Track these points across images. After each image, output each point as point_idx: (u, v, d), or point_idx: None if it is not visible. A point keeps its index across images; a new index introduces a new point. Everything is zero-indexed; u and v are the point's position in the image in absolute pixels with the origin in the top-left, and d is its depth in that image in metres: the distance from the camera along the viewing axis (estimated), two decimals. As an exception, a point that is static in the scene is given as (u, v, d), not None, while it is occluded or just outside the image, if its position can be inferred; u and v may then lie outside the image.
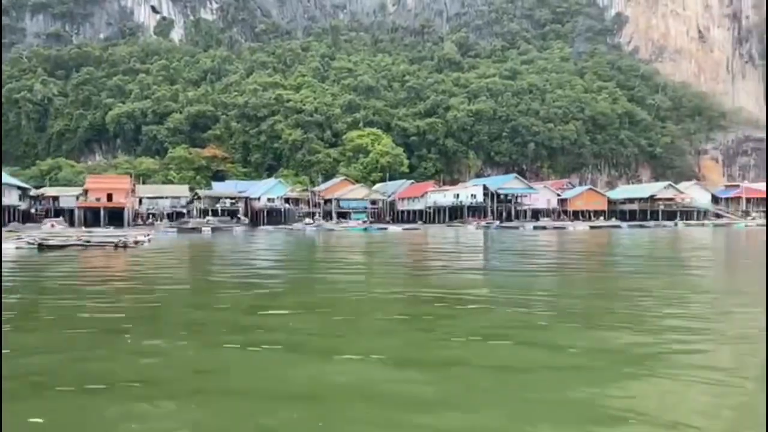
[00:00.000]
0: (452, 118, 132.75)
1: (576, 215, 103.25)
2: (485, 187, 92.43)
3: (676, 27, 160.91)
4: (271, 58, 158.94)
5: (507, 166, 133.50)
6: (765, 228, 78.63)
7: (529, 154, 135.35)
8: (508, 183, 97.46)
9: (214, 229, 67.51)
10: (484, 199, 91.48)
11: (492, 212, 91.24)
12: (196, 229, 66.81)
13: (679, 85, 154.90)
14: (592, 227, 75.73)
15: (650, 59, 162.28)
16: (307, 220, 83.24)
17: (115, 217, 75.28)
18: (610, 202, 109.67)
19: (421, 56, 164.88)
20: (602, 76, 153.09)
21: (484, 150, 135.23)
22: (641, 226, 79.24)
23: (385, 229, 70.80)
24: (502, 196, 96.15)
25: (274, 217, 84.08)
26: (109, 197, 78.94)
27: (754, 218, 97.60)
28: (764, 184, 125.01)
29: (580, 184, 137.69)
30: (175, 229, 65.98)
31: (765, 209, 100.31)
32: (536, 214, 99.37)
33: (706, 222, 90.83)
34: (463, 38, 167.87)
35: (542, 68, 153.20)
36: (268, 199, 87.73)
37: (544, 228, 72.00)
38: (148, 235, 43.57)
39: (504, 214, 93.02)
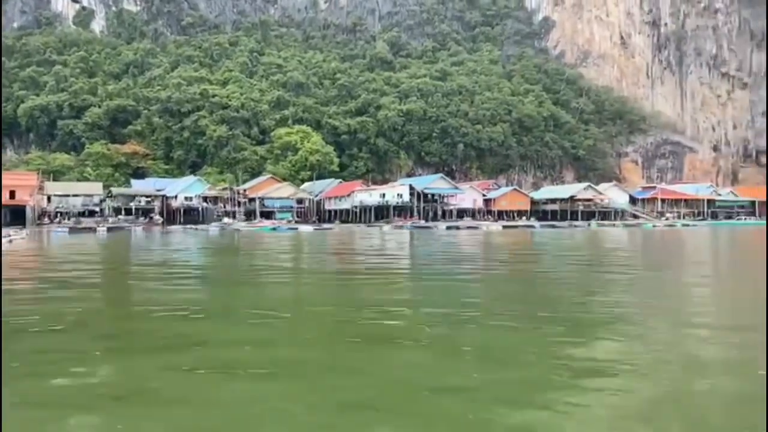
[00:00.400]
0: (383, 117, 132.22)
1: (500, 215, 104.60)
2: (411, 187, 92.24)
3: (600, 32, 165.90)
4: (197, 52, 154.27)
5: (437, 167, 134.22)
6: (696, 228, 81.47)
7: (459, 155, 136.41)
8: (434, 183, 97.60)
9: (110, 229, 63.65)
10: (411, 199, 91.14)
11: (418, 212, 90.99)
12: (90, 229, 62.70)
13: (602, 89, 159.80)
14: (505, 227, 76.07)
15: (576, 63, 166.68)
16: (226, 219, 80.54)
17: (17, 216, 70.57)
18: (533, 202, 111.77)
19: (352, 54, 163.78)
20: (529, 80, 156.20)
21: (414, 150, 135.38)
22: (552, 226, 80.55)
23: (296, 229, 68.81)
24: (429, 196, 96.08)
25: (191, 216, 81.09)
26: (12, 194, 73.96)
27: (668, 218, 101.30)
28: (679, 186, 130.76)
29: (508, 184, 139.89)
30: (66, 229, 61.89)
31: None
32: (462, 213, 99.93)
33: (617, 222, 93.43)
34: (395, 38, 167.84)
35: (472, 70, 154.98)
36: (186, 198, 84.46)
37: (457, 228, 71.59)
38: (10, 235, 40.04)
39: (430, 213, 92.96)
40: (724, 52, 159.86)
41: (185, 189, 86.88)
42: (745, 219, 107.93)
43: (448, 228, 70.58)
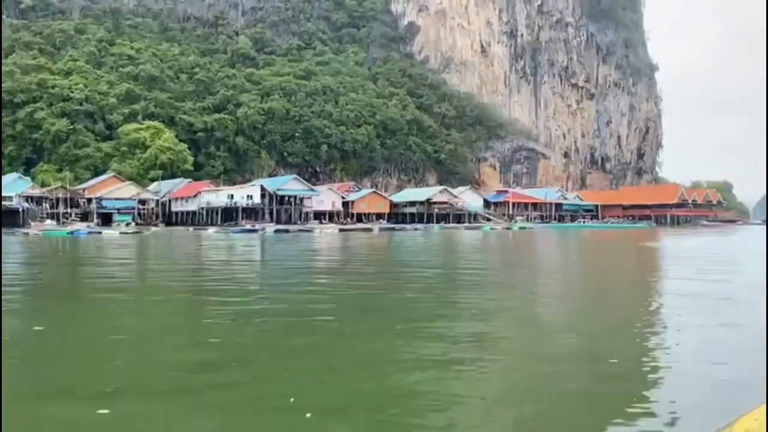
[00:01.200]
0: (243, 115, 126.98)
1: (360, 218, 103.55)
2: (263, 188, 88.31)
3: (462, 40, 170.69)
4: (37, 38, 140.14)
5: (300, 168, 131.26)
6: (530, 230, 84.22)
7: (323, 156, 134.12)
8: (287, 184, 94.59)
9: None
10: (262, 201, 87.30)
11: (270, 214, 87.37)
12: None
13: (464, 95, 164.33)
14: (342, 230, 74.26)
15: (439, 69, 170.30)
16: (48, 221, 72.53)
17: None
18: (394, 205, 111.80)
19: (213, 49, 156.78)
20: (394, 83, 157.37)
21: (277, 150, 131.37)
22: (392, 229, 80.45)
23: (99, 233, 62.43)
24: (285, 198, 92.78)
25: (9, 217, 72.03)
26: None
27: (516, 221, 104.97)
28: (530, 190, 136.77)
29: (372, 187, 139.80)
30: None
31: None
32: (320, 216, 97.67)
33: (460, 225, 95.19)
34: (259, 34, 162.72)
35: (337, 71, 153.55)
36: (4, 198, 75.11)
37: (287, 231, 68.25)
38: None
39: (284, 216, 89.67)
40: (574, 64, 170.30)
41: (5, 187, 77.30)
42: (584, 222, 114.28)
43: (277, 232, 66.89)
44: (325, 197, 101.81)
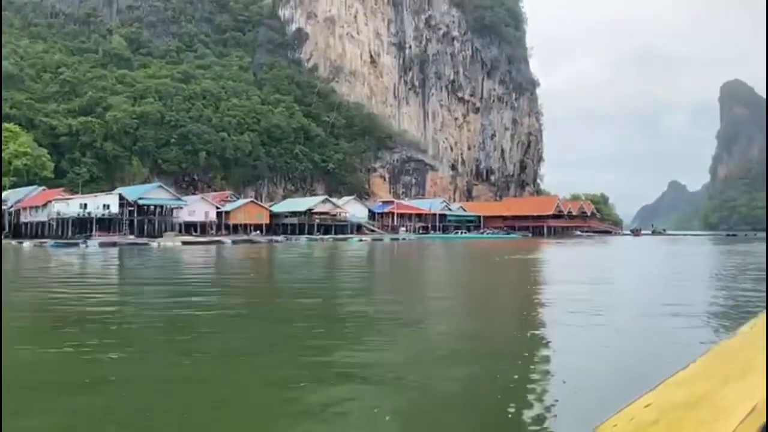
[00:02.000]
0: (112, 118, 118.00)
1: (236, 229, 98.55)
2: (121, 197, 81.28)
3: (351, 50, 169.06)
4: None
5: (177, 176, 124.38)
6: (403, 241, 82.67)
7: (201, 164, 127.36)
8: (150, 193, 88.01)
9: None
10: (121, 210, 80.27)
11: (131, 225, 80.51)
12: None
13: (353, 105, 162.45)
14: (185, 242, 68.17)
15: (329, 78, 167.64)
16: None
17: None
18: (274, 215, 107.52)
19: (84, 48, 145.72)
20: (281, 90, 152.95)
21: (150, 157, 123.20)
22: (250, 242, 76.66)
23: None
24: (149, 208, 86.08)
25: None
26: None
27: (398, 233, 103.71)
28: (416, 201, 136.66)
29: (256, 197, 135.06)
30: None
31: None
32: (190, 227, 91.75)
33: (326, 237, 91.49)
34: (135, 34, 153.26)
35: (219, 75, 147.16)
36: None
37: (113, 245, 61.43)
38: None
39: (148, 227, 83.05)
40: (460, 78, 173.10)
41: None
42: (462, 233, 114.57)
43: (102, 245, 59.86)
44: (197, 207, 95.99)
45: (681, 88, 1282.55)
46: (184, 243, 67.19)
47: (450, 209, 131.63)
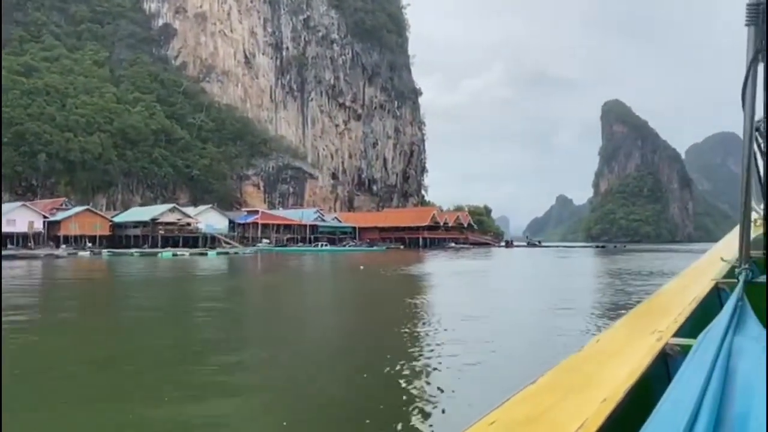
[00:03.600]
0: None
1: (67, 241, 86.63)
2: None
3: (224, 48, 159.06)
4: None
5: (12, 180, 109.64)
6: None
7: (41, 167, 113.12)
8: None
9: None
10: None
11: None
12: None
13: (225, 107, 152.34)
14: None
15: (199, 77, 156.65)
16: None
17: None
18: (117, 226, 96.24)
19: None
20: (141, 88, 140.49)
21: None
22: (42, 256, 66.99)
23: None
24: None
25: None
26: None
27: (257, 245, 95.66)
28: (288, 212, 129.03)
29: (108, 205, 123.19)
30: None
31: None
32: (7, 239, 78.94)
33: (134, 251, 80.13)
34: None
35: (68, 69, 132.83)
36: None
37: None
38: None
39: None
40: (341, 83, 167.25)
41: None
42: (323, 245, 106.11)
43: None
44: (17, 216, 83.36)
45: (571, 107, 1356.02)
46: None
47: (324, 220, 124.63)
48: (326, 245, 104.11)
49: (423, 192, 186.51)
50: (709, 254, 3.72)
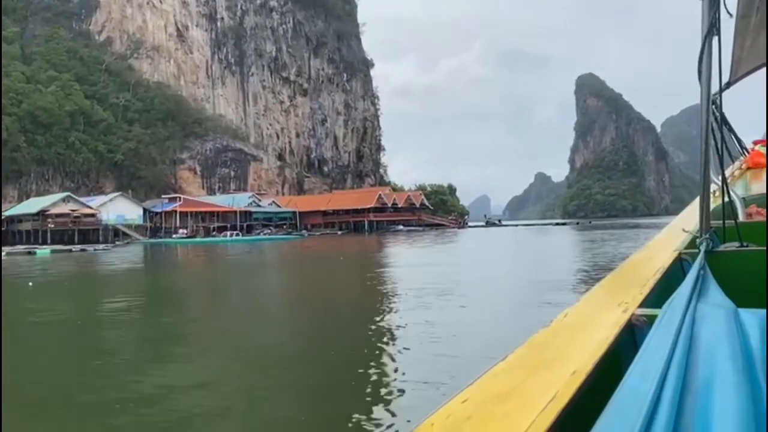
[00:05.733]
0: None
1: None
2: None
3: (153, 21, 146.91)
4: None
5: None
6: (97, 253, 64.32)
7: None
8: None
9: None
10: None
11: None
12: None
13: (154, 84, 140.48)
14: None
15: (126, 54, 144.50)
16: None
17: None
18: (9, 220, 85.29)
19: None
20: (57, 66, 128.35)
21: None
22: None
23: None
24: None
25: None
26: None
27: (182, 235, 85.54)
28: (217, 197, 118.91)
29: (20, 196, 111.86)
30: None
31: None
32: None
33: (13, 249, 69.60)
34: None
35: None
36: None
37: None
38: None
39: None
40: (284, 56, 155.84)
41: None
42: (233, 235, 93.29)
43: None
44: None
45: (549, 84, 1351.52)
46: None
47: (259, 205, 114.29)
48: (233, 235, 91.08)
49: (382, 172, 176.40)
50: (672, 226, 3.71)
